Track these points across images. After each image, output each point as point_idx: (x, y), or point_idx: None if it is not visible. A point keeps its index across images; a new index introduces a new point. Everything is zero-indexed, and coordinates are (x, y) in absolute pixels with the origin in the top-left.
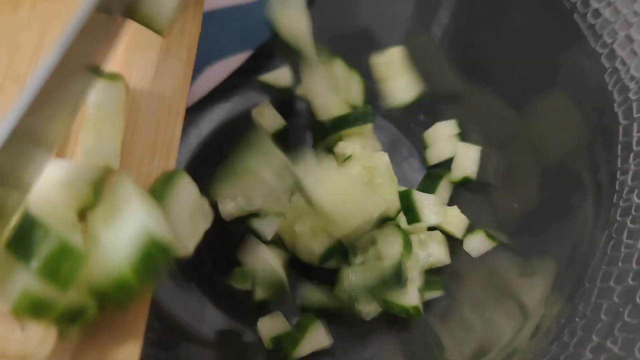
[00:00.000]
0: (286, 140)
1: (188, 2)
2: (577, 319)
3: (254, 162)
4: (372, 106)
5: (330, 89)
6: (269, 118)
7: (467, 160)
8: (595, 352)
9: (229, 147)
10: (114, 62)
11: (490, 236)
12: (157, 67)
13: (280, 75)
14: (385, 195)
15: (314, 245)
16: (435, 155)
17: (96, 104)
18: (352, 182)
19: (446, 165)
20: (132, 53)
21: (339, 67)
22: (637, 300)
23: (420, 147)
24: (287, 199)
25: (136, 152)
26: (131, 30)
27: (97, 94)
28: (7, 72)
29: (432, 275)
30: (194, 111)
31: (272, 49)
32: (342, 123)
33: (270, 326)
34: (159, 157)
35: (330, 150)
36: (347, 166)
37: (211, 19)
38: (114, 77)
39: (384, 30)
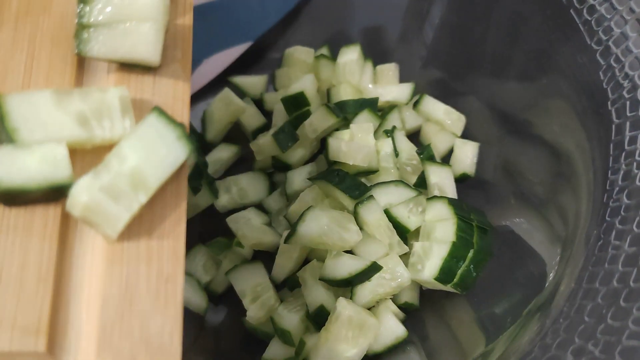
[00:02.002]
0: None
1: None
2: (561, 320)
3: None
4: None
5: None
6: (251, 116)
7: (465, 156)
8: (576, 354)
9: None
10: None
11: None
12: (155, 76)
13: (254, 83)
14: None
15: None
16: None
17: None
18: None
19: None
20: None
21: (356, 53)
22: (621, 302)
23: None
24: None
25: None
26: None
27: None
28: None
29: None
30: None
31: (269, 43)
32: (346, 107)
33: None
34: None
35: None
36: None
37: (209, 12)
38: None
39: (383, 25)
